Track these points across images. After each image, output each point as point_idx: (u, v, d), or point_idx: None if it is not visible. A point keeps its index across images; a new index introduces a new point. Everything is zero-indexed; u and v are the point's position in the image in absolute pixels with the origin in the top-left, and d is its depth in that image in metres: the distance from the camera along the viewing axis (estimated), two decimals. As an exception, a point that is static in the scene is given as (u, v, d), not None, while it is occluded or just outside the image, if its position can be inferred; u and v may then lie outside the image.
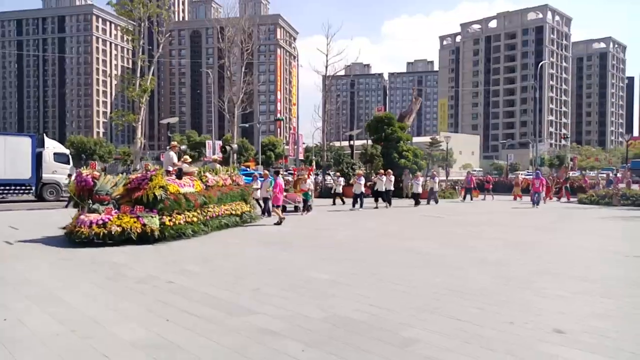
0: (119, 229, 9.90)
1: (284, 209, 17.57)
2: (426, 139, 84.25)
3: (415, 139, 68.26)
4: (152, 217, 10.39)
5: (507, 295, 6.22)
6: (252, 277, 7.27)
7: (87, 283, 6.83)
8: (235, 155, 31.50)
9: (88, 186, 10.90)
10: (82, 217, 10.13)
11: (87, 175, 11.15)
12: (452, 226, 14.56)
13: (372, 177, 24.70)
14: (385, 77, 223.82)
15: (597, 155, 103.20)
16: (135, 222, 10.12)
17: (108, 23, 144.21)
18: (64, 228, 10.83)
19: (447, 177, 47.68)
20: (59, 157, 26.04)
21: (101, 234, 9.77)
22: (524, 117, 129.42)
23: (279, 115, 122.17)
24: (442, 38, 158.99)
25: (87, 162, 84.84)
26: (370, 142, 32.48)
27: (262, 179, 17.52)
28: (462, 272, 7.58)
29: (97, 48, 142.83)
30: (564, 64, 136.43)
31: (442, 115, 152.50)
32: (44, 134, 30.95)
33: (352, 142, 35.66)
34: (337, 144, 74.98)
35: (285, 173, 34.48)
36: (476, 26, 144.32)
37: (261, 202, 17.37)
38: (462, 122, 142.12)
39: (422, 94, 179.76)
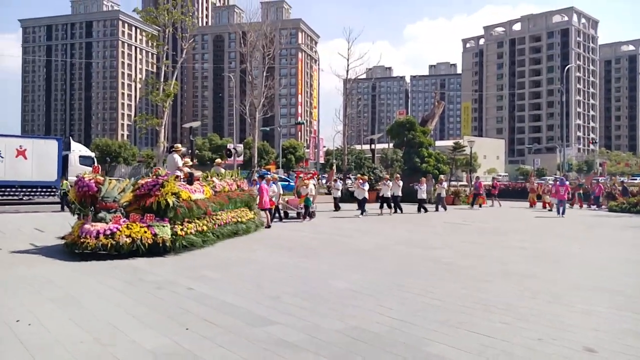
0: (128, 240, 9.04)
1: (286, 215, 17.71)
2: (449, 143, 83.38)
3: (438, 143, 67.58)
4: (163, 226, 9.59)
5: (534, 309, 6.01)
6: (272, 285, 7.22)
7: (107, 288, 6.87)
8: (256, 158, 31.59)
9: (91, 192, 9.94)
10: (86, 226, 9.21)
11: (90, 180, 10.16)
12: (476, 234, 14.30)
13: (379, 183, 24.12)
14: (407, 80, 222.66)
15: (627, 160, 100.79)
16: (145, 232, 9.30)
17: (134, 28, 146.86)
18: (62, 238, 9.91)
19: (470, 182, 47.01)
20: (84, 160, 26.58)
21: (109, 245, 8.90)
22: (550, 120, 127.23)
23: (299, 118, 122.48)
24: (465, 41, 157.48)
25: (112, 164, 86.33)
26: (391, 146, 32.28)
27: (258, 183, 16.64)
28: (488, 284, 7.39)
29: (123, 53, 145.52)
30: (591, 67, 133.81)
31: (466, 119, 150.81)
32: (70, 137, 31.60)
33: (373, 146, 35.46)
34: (358, 147, 74.80)
35: (301, 176, 34.42)
36: (500, 29, 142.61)
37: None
38: (486, 125, 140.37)
39: (444, 97, 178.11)
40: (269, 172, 38.46)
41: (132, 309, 5.81)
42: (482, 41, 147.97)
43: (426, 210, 21.37)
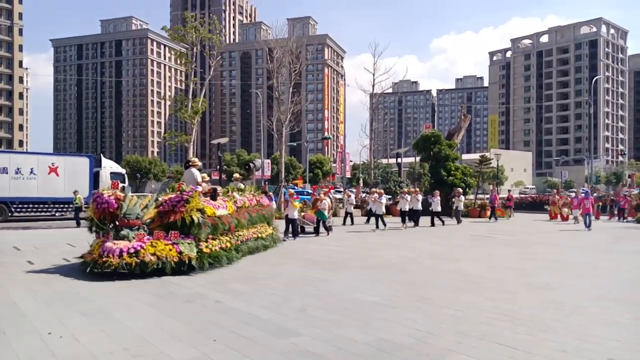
0: (153, 259, 8.64)
1: (302, 230, 17.27)
2: (475, 156, 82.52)
3: (465, 156, 66.96)
4: (188, 243, 9.22)
5: (559, 320, 5.97)
6: (298, 297, 7.32)
7: (136, 301, 7.04)
8: (283, 173, 31.88)
9: (111, 209, 9.56)
10: (108, 244, 8.78)
11: (110, 196, 9.74)
12: (502, 247, 14.15)
13: (397, 197, 24.22)
14: (434, 93, 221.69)
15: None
16: (170, 249, 8.92)
17: (162, 46, 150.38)
18: (81, 257, 9.46)
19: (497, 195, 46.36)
20: (115, 177, 27.20)
21: (133, 263, 8.48)
22: (578, 133, 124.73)
23: (326, 133, 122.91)
24: (492, 54, 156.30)
25: (142, 180, 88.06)
26: (417, 160, 32.20)
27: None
28: (512, 296, 7.35)
29: (152, 71, 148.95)
30: (620, 78, 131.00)
31: (493, 132, 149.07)
32: (101, 154, 32.47)
33: (399, 160, 35.41)
34: (384, 161, 74.62)
35: (332, 191, 34.46)
36: (527, 41, 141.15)
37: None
38: (513, 138, 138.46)
39: (471, 110, 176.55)
40: (295, 187, 38.72)
41: (161, 322, 5.97)
42: (509, 54, 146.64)
43: (443, 223, 21.29)
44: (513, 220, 25.48)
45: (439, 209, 21.56)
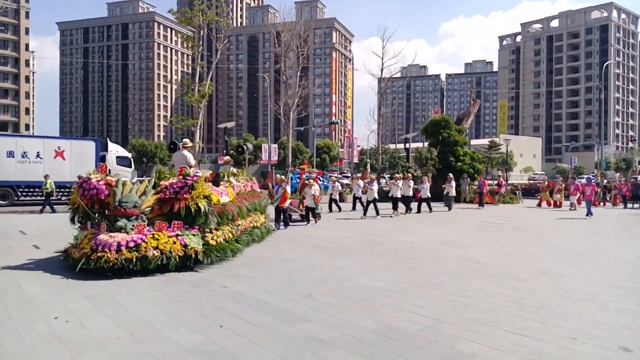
0: (156, 253, 7.60)
1: (289, 218, 15.73)
2: (485, 141, 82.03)
3: (474, 142, 66.47)
4: (193, 235, 8.20)
5: (569, 308, 5.91)
6: (305, 283, 7.28)
7: (143, 286, 7.00)
8: (290, 158, 31.79)
9: (101, 195, 8.31)
10: (101, 237, 7.65)
11: (99, 181, 8.45)
12: (510, 234, 14.05)
13: (388, 183, 23.48)
14: (443, 78, 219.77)
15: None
16: (175, 242, 7.87)
17: (169, 30, 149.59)
18: (65, 252, 8.42)
19: (506, 181, 46.16)
20: (121, 161, 27.28)
21: (134, 259, 7.42)
22: (588, 118, 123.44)
23: (334, 118, 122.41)
24: (501, 38, 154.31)
25: (149, 165, 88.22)
26: (426, 145, 31.97)
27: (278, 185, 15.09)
28: (522, 283, 7.28)
29: (159, 54, 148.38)
30: (631, 63, 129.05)
31: (502, 117, 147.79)
32: (108, 138, 32.45)
33: (407, 145, 35.19)
34: (392, 146, 74.36)
35: (339, 176, 34.39)
36: (537, 26, 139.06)
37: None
38: (522, 124, 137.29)
39: (480, 95, 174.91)
40: (311, 175, 38.61)
41: (167, 307, 5.95)
42: (519, 38, 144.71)
43: (430, 210, 20.62)
44: (503, 207, 25.00)
45: (428, 195, 21.07)
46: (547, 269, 8.48)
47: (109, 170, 9.24)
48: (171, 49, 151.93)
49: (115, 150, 28.43)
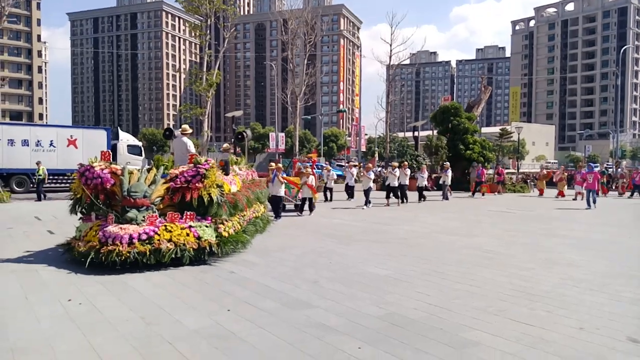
0: (170, 246, 7.23)
1: (283, 208, 15.21)
2: (496, 129, 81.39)
3: (484, 130, 66.03)
4: (206, 226, 7.84)
5: (577, 298, 5.89)
6: (311, 270, 7.33)
7: (154, 271, 7.08)
8: (297, 146, 31.79)
9: (107, 184, 7.89)
10: (110, 229, 7.21)
11: (103, 169, 8.02)
12: (520, 223, 13.99)
13: (386, 171, 22.98)
14: (453, 64, 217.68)
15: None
16: (188, 234, 7.51)
17: (177, 19, 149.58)
18: (66, 245, 7.96)
19: (517, 169, 45.83)
20: (132, 149, 27.52)
21: (147, 252, 7.04)
22: (604, 105, 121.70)
23: (341, 106, 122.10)
24: (514, 23, 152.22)
25: (159, 153, 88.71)
26: (435, 133, 31.81)
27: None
28: (530, 273, 7.26)
29: (167, 43, 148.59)
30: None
31: (514, 104, 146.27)
32: (119, 127, 32.69)
33: (416, 134, 35.04)
34: (400, 135, 74.04)
35: (346, 165, 34.26)
36: (551, 10, 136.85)
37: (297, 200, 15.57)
38: (535, 111, 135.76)
39: (492, 82, 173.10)
40: (323, 165, 38.58)
41: (177, 291, 6.05)
42: (532, 23, 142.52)
43: (424, 199, 20.48)
44: (502, 196, 24.72)
45: (425, 184, 20.88)
46: (556, 258, 8.45)
47: (113, 158, 8.95)
48: (179, 38, 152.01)
49: (126, 139, 28.68)
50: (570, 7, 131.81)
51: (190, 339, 4.41)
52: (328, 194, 20.90)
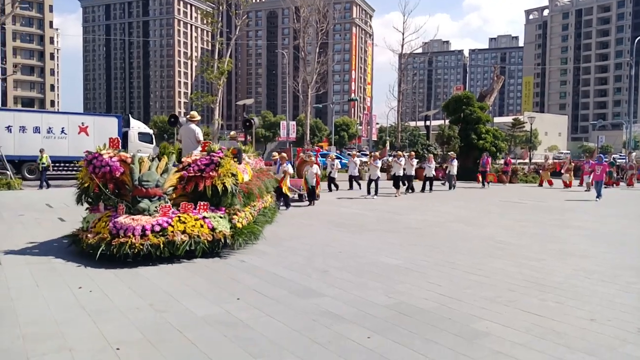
0: (184, 237, 6.90)
1: (287, 198, 14.26)
2: (508, 119, 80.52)
3: (497, 119, 65.33)
4: (220, 217, 7.52)
5: (589, 289, 5.83)
6: (321, 259, 7.32)
7: (166, 263, 7.02)
8: (308, 135, 31.73)
9: (116, 173, 7.53)
10: (121, 220, 6.87)
11: (112, 157, 7.63)
12: (532, 213, 13.86)
13: (391, 160, 22.58)
14: (466, 53, 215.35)
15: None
16: (202, 225, 7.17)
17: (189, 6, 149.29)
18: (73, 236, 7.55)
19: (530, 160, 45.45)
20: (143, 137, 27.61)
21: (161, 245, 6.71)
22: (617, 95, 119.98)
23: (353, 95, 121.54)
24: (528, 12, 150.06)
25: (170, 141, 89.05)
26: (447, 122, 31.57)
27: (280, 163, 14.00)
28: (541, 263, 7.19)
29: (179, 31, 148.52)
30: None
31: (527, 94, 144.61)
32: (130, 115, 32.80)
33: (427, 123, 34.81)
34: (412, 124, 73.57)
35: (359, 154, 34.15)
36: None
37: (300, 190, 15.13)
38: (548, 101, 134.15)
39: (505, 71, 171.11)
40: (339, 153, 38.51)
41: (187, 279, 6.06)
42: (546, 12, 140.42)
43: (431, 189, 20.16)
44: (506, 187, 24.44)
45: (433, 174, 20.60)
46: (568, 249, 8.37)
47: (123, 145, 8.54)
48: (191, 25, 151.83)
49: (137, 126, 28.76)
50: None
51: (199, 327, 4.42)
52: (332, 184, 20.32)
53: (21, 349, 3.84)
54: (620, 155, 31.47)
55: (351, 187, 20.60)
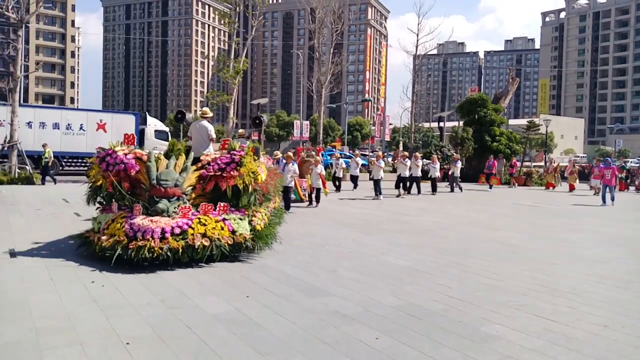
0: (206, 242, 6.50)
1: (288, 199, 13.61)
2: (523, 121, 79.71)
3: (512, 122, 64.71)
4: (240, 219, 7.10)
5: (602, 294, 5.75)
6: (330, 258, 7.32)
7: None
8: (321, 135, 31.73)
9: (131, 171, 7.11)
10: (139, 222, 6.46)
11: (127, 154, 7.24)
12: (546, 217, 13.72)
13: (395, 161, 22.32)
14: (481, 55, 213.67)
15: None
16: (223, 228, 6.75)
17: (207, 6, 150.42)
18: (85, 237, 7.10)
19: (545, 163, 44.92)
20: (159, 134, 27.85)
21: (180, 249, 6.31)
22: (636, 99, 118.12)
23: (367, 95, 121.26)
24: (544, 14, 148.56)
25: (185, 139, 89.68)
26: (461, 124, 31.37)
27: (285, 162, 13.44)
28: (554, 268, 7.11)
29: (197, 31, 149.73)
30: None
31: (543, 97, 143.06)
32: (147, 112, 33.10)
33: (441, 124, 34.59)
34: (426, 125, 73.15)
35: (371, 154, 34.14)
36: (583, 1, 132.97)
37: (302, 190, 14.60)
38: (564, 104, 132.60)
39: (521, 73, 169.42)
40: (334, 149, 38.52)
41: (198, 276, 6.10)
42: (562, 14, 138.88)
43: (435, 191, 19.82)
44: (511, 190, 24.10)
45: (438, 174, 20.28)
46: (581, 254, 8.27)
47: (140, 143, 8.11)
48: (209, 25, 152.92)
49: (153, 124, 29.04)
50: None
51: (209, 324, 4.44)
52: (337, 183, 19.98)
53: (34, 342, 3.90)
54: (633, 160, 30.66)
55: (354, 187, 20.56)
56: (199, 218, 6.73)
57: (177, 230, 6.41)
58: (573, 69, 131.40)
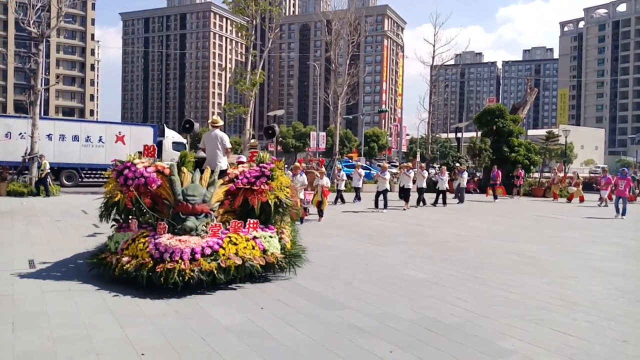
0: (237, 262, 5.93)
1: (305, 211, 13.03)
2: (542, 132, 78.93)
3: (531, 132, 64.10)
4: (270, 236, 6.60)
5: (622, 309, 5.63)
6: (347, 270, 7.29)
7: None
8: (337, 146, 31.77)
9: (152, 186, 6.56)
10: (165, 241, 5.86)
11: (147, 167, 6.68)
12: (567, 229, 13.49)
13: (399, 172, 21.84)
14: (499, 65, 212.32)
15: None
16: (254, 247, 6.24)
17: (224, 19, 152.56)
18: (96, 260, 6.36)
19: (564, 174, 44.37)
20: (177, 146, 28.18)
21: (212, 271, 5.74)
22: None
23: (383, 106, 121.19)
24: (562, 24, 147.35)
25: (192, 150, 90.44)
26: (479, 135, 31.14)
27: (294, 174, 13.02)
28: (574, 281, 6.98)
29: (214, 43, 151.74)
30: None
31: (562, 107, 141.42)
32: (165, 124, 33.52)
33: (459, 135, 34.39)
34: (443, 136, 72.84)
35: (388, 165, 33.99)
36: (602, 11, 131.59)
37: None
38: (584, 114, 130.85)
39: (539, 83, 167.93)
40: (350, 160, 38.53)
41: (212, 288, 6.09)
42: (581, 24, 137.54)
43: (445, 203, 19.37)
44: (514, 200, 23.61)
45: (446, 186, 19.77)
46: (602, 267, 8.11)
47: (158, 154, 7.62)
48: (226, 38, 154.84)
49: (171, 135, 29.41)
50: (622, 7, 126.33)
51: (222, 335, 4.45)
52: (339, 195, 19.25)
53: (51, 351, 3.95)
54: (626, 168, 29.60)
55: (358, 199, 19.93)
56: (229, 237, 6.21)
57: (208, 251, 5.87)
58: (593, 78, 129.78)
